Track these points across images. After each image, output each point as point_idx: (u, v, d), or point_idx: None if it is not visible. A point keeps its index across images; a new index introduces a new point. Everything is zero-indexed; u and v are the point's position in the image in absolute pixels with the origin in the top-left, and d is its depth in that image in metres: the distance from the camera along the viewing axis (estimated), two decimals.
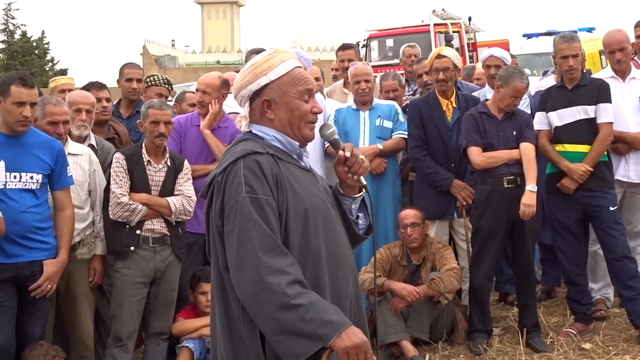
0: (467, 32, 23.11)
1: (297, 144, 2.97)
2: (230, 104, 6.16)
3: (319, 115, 3.00)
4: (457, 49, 17.44)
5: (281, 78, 2.91)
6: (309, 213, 2.81)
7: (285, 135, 2.94)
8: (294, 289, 2.63)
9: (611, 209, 6.16)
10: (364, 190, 3.05)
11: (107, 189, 5.48)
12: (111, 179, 5.47)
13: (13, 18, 61.49)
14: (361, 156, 2.96)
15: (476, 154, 6.13)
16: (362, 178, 2.99)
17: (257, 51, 6.44)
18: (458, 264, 6.32)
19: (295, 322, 2.61)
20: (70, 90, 7.20)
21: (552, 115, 6.24)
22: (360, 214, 3.12)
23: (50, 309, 5.25)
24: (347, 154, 2.94)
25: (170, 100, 7.45)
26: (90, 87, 6.51)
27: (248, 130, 2.99)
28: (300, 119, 2.92)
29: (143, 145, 5.62)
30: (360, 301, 3.01)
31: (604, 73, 6.82)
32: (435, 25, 22.32)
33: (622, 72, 6.61)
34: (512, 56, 8.29)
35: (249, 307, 2.69)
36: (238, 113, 6.10)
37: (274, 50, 3.00)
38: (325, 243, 2.84)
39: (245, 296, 2.70)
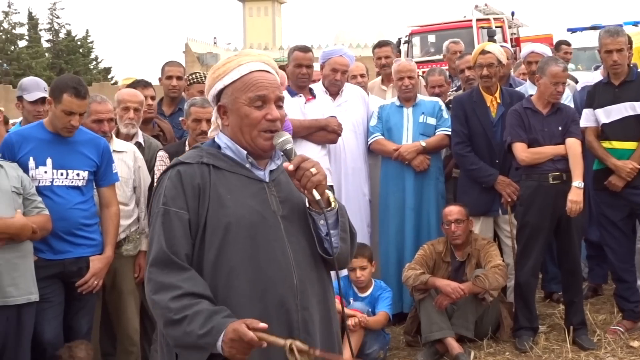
0: (510, 27, 22.91)
1: (245, 152, 2.79)
2: None
3: (278, 122, 2.78)
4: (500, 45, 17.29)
5: (234, 83, 2.79)
6: (231, 227, 2.66)
7: (236, 143, 2.81)
8: (178, 303, 2.56)
9: None
10: (332, 204, 2.78)
11: (152, 186, 5.52)
12: (155, 176, 5.52)
13: (58, 17, 62.20)
14: (312, 169, 2.68)
15: (521, 150, 6.06)
16: (314, 193, 2.68)
17: (300, 48, 6.48)
18: (503, 260, 6.26)
19: (181, 337, 2.58)
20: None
21: (599, 112, 6.16)
22: (333, 232, 2.79)
23: (97, 305, 5.30)
24: (290, 167, 2.70)
25: None
26: (136, 85, 6.57)
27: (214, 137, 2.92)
28: (251, 127, 2.75)
29: (186, 142, 5.67)
30: (311, 325, 2.75)
31: None
32: (477, 20, 22.12)
33: None
34: (566, 42, 8.14)
35: None
36: None
37: (237, 54, 2.90)
38: (251, 260, 2.67)
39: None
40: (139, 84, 6.60)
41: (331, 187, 6.13)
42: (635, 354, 5.82)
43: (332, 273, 2.94)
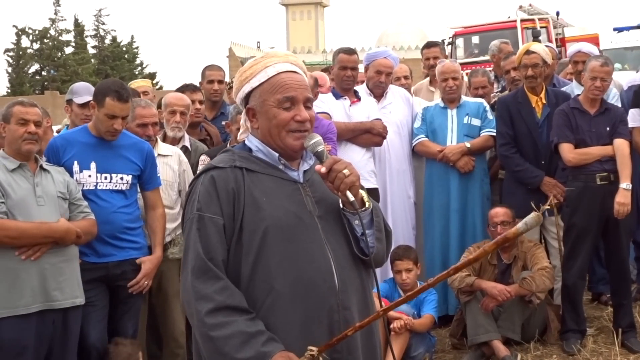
0: (555, 27, 22.69)
1: (276, 154, 2.78)
2: (318, 104, 6.20)
3: (307, 123, 2.76)
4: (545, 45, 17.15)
5: (262, 85, 2.77)
6: (268, 230, 2.65)
7: (266, 145, 2.80)
8: (214, 319, 2.55)
9: None
10: (366, 204, 2.76)
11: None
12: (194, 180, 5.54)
13: (103, 24, 63.19)
14: (345, 171, 2.65)
15: (568, 151, 6.00)
16: (348, 194, 2.66)
17: (345, 50, 6.48)
18: (550, 262, 6.20)
19: (213, 353, 2.57)
20: (144, 92, 7.36)
21: None
22: (368, 232, 2.77)
23: (143, 308, 5.34)
24: (323, 169, 2.68)
25: None
26: (185, 89, 6.62)
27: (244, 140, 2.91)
28: (280, 128, 2.74)
29: (228, 146, 5.69)
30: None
31: None
32: (522, 21, 21.96)
33: None
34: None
35: None
36: (327, 113, 6.18)
37: (263, 55, 2.87)
38: (290, 262, 2.64)
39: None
40: (188, 88, 6.65)
41: (376, 190, 6.14)
42: None
43: (375, 271, 2.89)
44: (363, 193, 2.77)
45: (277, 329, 2.61)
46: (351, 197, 2.66)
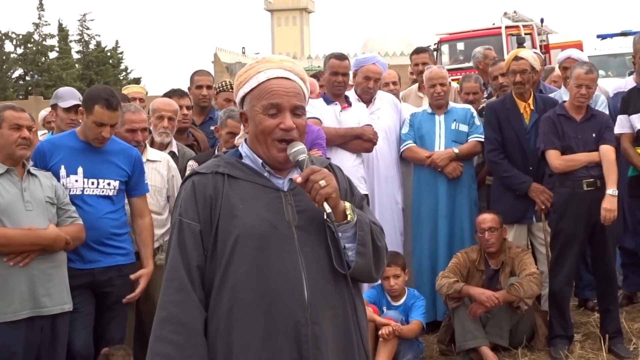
0: (539, 34, 22.82)
1: (260, 161, 2.75)
2: (309, 109, 6.19)
3: (294, 131, 2.71)
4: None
5: (252, 91, 2.74)
6: (240, 238, 2.61)
7: (254, 151, 2.78)
8: (159, 329, 2.61)
9: None
10: (348, 217, 2.68)
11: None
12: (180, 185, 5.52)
13: (88, 29, 62.92)
14: (321, 182, 2.60)
15: (554, 157, 6.02)
16: (325, 205, 2.61)
17: (336, 56, 6.48)
18: (537, 268, 6.21)
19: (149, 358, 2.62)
20: (141, 99, 7.35)
21: (635, 117, 6.12)
22: (349, 245, 2.70)
23: (130, 314, 5.31)
24: (299, 179, 2.63)
25: None
26: (172, 94, 6.60)
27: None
28: (265, 135, 2.70)
29: (216, 151, 5.67)
30: (322, 341, 2.63)
31: None
32: (506, 27, 22.06)
33: None
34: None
35: None
36: (317, 118, 6.17)
37: (258, 60, 2.83)
38: (258, 272, 2.60)
39: None
40: (175, 93, 6.63)
41: (366, 196, 6.13)
42: None
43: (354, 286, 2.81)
44: (347, 206, 2.70)
45: (240, 338, 2.59)
46: (328, 209, 2.61)
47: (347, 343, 2.71)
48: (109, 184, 4.97)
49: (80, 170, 4.89)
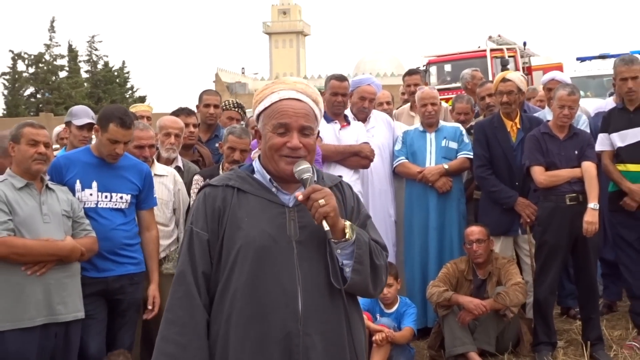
0: (522, 57, 22.85)
1: (268, 176, 2.77)
2: None
3: (300, 150, 2.72)
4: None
5: (266, 110, 2.77)
6: (240, 250, 2.63)
7: (264, 167, 2.80)
8: (166, 329, 2.65)
9: None
10: (347, 236, 2.67)
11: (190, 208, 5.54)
12: (191, 199, 5.55)
13: (96, 50, 62.78)
14: (321, 200, 2.60)
15: (539, 173, 6.04)
16: (324, 223, 2.60)
17: (337, 77, 6.50)
18: (523, 278, 6.21)
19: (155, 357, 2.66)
20: (147, 117, 7.37)
21: (615, 136, 6.13)
22: (346, 262, 2.69)
23: (138, 319, 5.30)
24: (300, 197, 2.64)
25: (241, 124, 7.51)
26: (180, 112, 6.62)
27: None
28: (273, 152, 2.72)
29: (220, 167, 5.69)
30: (313, 352, 2.63)
31: None
32: (491, 50, 22.08)
33: None
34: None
35: None
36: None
37: (274, 81, 2.86)
38: (254, 282, 2.61)
39: None
40: (183, 112, 6.65)
41: None
42: None
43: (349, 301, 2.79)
44: (347, 224, 2.70)
45: (236, 344, 2.60)
46: (326, 227, 2.61)
47: (339, 355, 2.70)
48: (121, 198, 4.98)
49: (94, 184, 4.91)
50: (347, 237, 2.68)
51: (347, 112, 6.72)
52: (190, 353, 2.59)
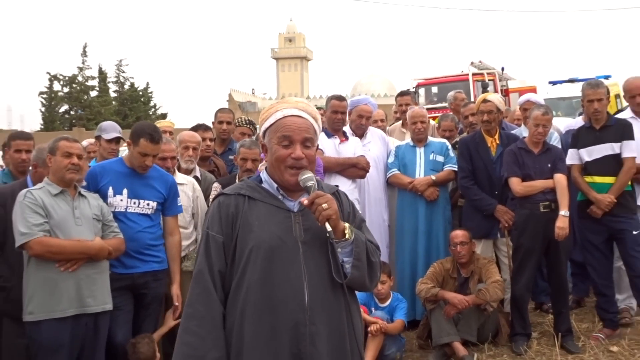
0: (500, 80, 22.82)
1: (276, 186, 2.76)
2: None
3: (303, 160, 2.71)
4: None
5: (271, 126, 2.75)
6: (252, 250, 2.63)
7: (271, 177, 2.79)
8: (186, 322, 2.63)
9: (634, 232, 5.99)
10: (347, 236, 2.68)
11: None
12: (210, 204, 5.52)
13: (123, 72, 62.77)
14: (324, 205, 2.61)
15: (516, 184, 6.03)
16: (326, 225, 2.61)
17: (337, 97, 6.51)
18: (501, 276, 6.19)
19: (177, 347, 2.64)
20: (170, 132, 7.36)
21: (583, 151, 6.12)
22: (346, 259, 2.71)
23: (160, 311, 5.29)
24: (305, 202, 2.65)
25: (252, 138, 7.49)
26: (198, 128, 6.62)
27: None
28: (279, 163, 2.72)
29: (236, 176, 5.69)
30: (318, 339, 2.62)
31: (625, 114, 6.64)
32: (473, 74, 22.06)
33: None
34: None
35: None
36: (320, 149, 6.13)
37: (279, 101, 2.86)
38: (265, 279, 2.61)
39: None
40: (200, 128, 6.65)
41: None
42: (614, 358, 5.72)
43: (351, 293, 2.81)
44: (346, 226, 2.70)
45: (250, 334, 2.59)
46: (328, 228, 2.62)
47: (341, 342, 2.70)
48: (148, 204, 4.98)
49: (125, 191, 4.91)
50: (346, 237, 2.69)
51: (346, 128, 6.71)
52: (209, 342, 2.58)
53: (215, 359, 2.57)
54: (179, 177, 5.60)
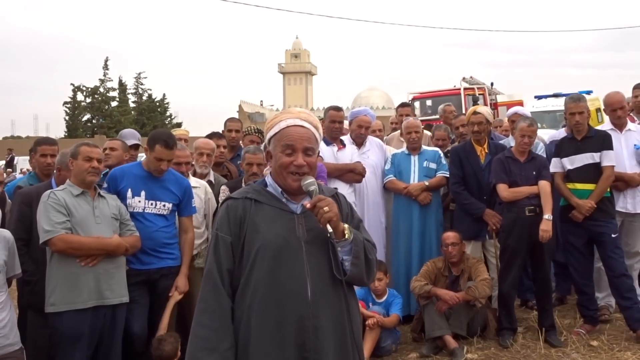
0: (490, 94, 22.82)
1: (280, 189, 2.75)
2: None
3: (305, 167, 2.69)
4: None
5: (275, 135, 2.73)
6: (259, 250, 2.62)
7: (275, 182, 2.77)
8: (199, 316, 2.62)
9: (612, 235, 5.99)
10: (346, 236, 2.66)
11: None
12: (218, 204, 5.52)
13: (142, 84, 63.17)
14: (325, 208, 2.60)
15: (503, 189, 6.03)
16: (328, 226, 2.60)
17: (334, 108, 6.53)
18: (489, 275, 6.18)
19: (191, 339, 2.63)
20: (185, 139, 7.37)
21: (565, 160, 6.11)
22: (346, 257, 2.70)
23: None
24: (308, 205, 2.64)
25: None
26: (213, 136, 6.63)
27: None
28: (282, 169, 2.70)
29: (242, 180, 5.69)
30: (321, 331, 2.61)
31: (605, 126, 6.63)
32: (464, 89, 22.10)
33: (620, 126, 6.45)
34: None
35: None
36: (320, 156, 6.14)
37: (283, 111, 2.83)
38: (271, 276, 2.60)
39: None
40: (215, 135, 6.66)
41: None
42: (594, 352, 5.71)
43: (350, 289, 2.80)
44: (346, 227, 2.69)
45: (257, 327, 2.59)
46: (329, 229, 2.61)
47: (342, 333, 2.70)
48: (164, 205, 4.98)
49: (143, 193, 4.91)
50: (346, 237, 2.68)
51: (345, 137, 6.72)
52: (221, 334, 2.58)
53: (226, 349, 2.57)
54: (192, 181, 5.59)
